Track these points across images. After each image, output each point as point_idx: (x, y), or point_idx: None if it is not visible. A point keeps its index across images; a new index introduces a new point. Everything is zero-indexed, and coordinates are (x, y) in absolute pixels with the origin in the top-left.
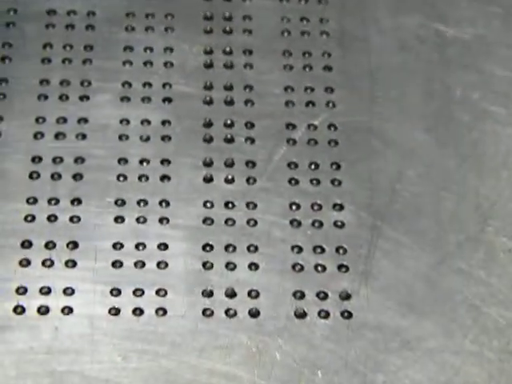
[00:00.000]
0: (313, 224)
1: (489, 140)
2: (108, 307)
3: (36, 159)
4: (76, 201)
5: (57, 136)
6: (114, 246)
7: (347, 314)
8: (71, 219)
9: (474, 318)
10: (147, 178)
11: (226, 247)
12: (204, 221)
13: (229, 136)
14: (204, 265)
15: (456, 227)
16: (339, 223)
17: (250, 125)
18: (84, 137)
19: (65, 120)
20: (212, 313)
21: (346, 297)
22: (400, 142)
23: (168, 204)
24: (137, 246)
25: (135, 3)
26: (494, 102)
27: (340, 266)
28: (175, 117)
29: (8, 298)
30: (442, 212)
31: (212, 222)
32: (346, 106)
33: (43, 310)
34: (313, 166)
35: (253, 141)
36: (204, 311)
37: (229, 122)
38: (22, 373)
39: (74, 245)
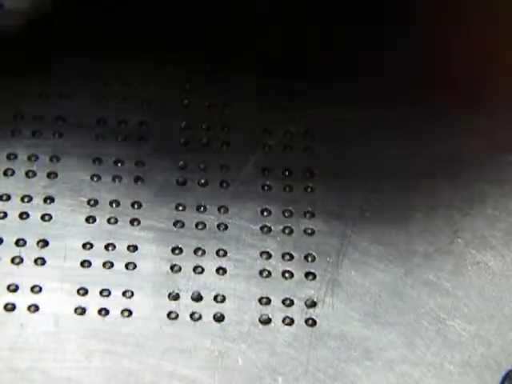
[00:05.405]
0: (283, 230)
1: (462, 152)
2: (74, 306)
3: (11, 156)
4: (49, 199)
5: (34, 133)
6: (84, 245)
7: (311, 322)
8: (43, 217)
9: (437, 330)
10: (121, 179)
11: (195, 251)
12: (175, 223)
13: (205, 140)
14: (172, 267)
15: (426, 239)
16: (309, 230)
17: (226, 129)
18: (61, 135)
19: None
20: (177, 316)
21: (311, 304)
22: (374, 152)
23: (140, 206)
24: (106, 247)
25: None
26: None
27: (307, 274)
28: (153, 118)
29: None
30: (413, 223)
31: (183, 225)
32: (322, 113)
33: (9, 307)
34: (287, 173)
35: (228, 145)
36: (169, 314)
37: (205, 125)
38: None
39: (44, 243)
